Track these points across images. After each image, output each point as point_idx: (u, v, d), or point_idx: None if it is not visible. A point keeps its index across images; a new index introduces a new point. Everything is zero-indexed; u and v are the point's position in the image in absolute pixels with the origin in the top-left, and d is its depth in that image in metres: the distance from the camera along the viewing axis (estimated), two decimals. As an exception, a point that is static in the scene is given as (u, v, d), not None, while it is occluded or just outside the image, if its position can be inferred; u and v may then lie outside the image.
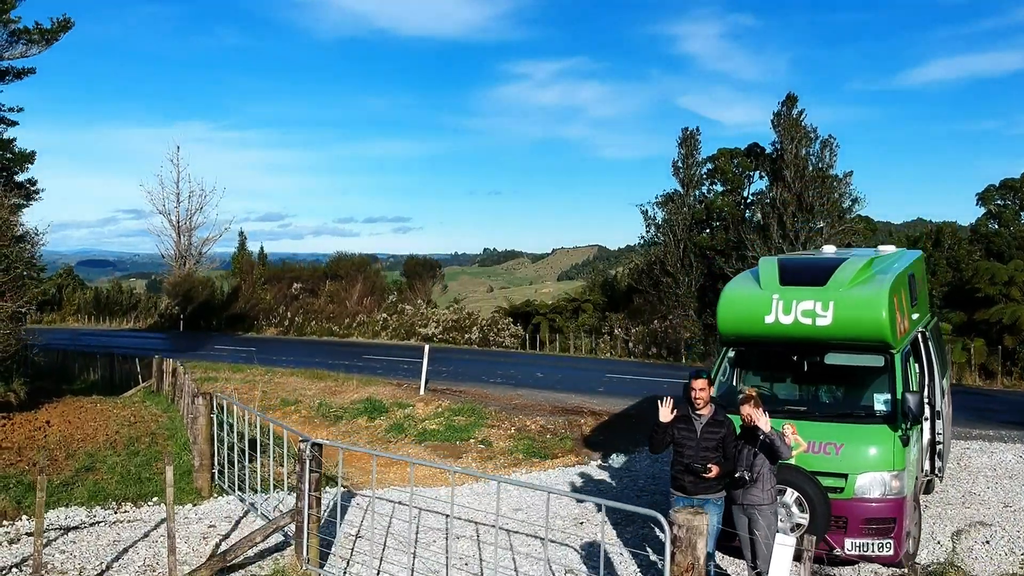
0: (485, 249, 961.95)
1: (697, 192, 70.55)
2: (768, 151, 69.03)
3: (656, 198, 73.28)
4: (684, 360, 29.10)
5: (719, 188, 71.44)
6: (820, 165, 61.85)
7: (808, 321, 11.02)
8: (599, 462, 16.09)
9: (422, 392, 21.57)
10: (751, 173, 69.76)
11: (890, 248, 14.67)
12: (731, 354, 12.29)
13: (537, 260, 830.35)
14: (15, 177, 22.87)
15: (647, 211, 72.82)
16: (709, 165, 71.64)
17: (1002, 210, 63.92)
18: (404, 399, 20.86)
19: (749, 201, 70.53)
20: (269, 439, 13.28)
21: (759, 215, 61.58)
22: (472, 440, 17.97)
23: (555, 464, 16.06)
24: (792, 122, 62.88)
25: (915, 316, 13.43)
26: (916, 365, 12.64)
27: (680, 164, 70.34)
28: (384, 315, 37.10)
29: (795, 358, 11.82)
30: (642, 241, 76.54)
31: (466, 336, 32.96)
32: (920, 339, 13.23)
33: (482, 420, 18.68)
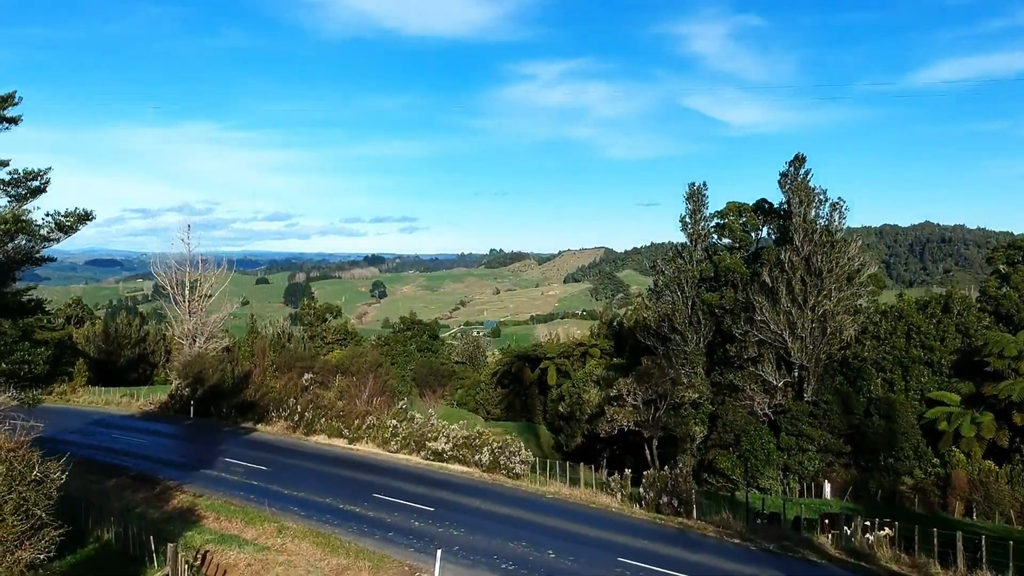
0: (491, 250, 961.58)
1: (706, 243, 70.57)
2: (776, 206, 69.03)
3: (666, 255, 73.63)
4: (695, 515, 28.32)
5: (727, 241, 71.41)
6: (829, 226, 61.83)
7: None
8: None
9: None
10: (759, 230, 69.68)
11: None
12: None
13: (544, 262, 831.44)
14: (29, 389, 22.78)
15: (655, 264, 73.03)
16: (718, 220, 71.63)
17: (1011, 271, 63.66)
18: (414, 607, 20.73)
19: (757, 254, 70.44)
20: None
21: (767, 277, 61.49)
22: None
23: None
24: (800, 183, 62.83)
25: None
26: None
27: (688, 219, 70.46)
28: (394, 421, 37.17)
29: None
30: (650, 292, 76.72)
31: (476, 456, 32.72)
32: None
33: None
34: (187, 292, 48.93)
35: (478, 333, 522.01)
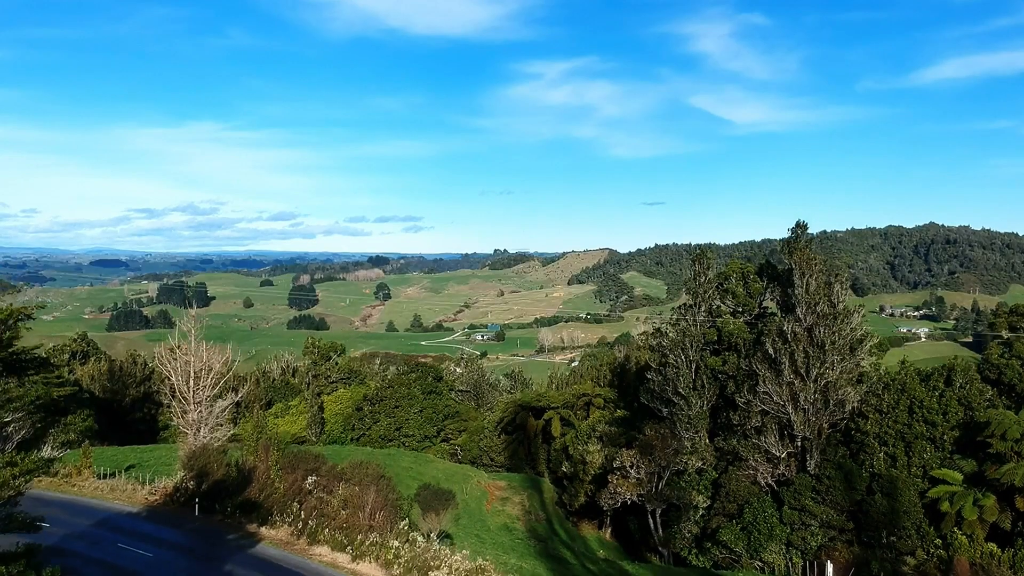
0: (496, 250, 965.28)
1: (709, 303, 70.56)
2: (779, 262, 69.17)
3: (671, 313, 73.91)
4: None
5: (730, 304, 71.49)
6: (831, 297, 61.85)
7: None
8: None
9: None
10: (762, 294, 69.69)
11: None
12: None
13: (548, 263, 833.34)
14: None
15: (660, 329, 73.21)
16: (721, 281, 71.76)
17: (1015, 338, 63.59)
18: None
19: (762, 314, 70.50)
20: None
21: (770, 348, 61.54)
22: None
23: None
24: (802, 252, 62.81)
25: None
26: None
27: (692, 282, 70.69)
28: (397, 542, 37.36)
29: None
30: (652, 349, 76.82)
31: (479, 594, 33.02)
32: None
33: None
34: (192, 383, 49.27)
35: (483, 337, 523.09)
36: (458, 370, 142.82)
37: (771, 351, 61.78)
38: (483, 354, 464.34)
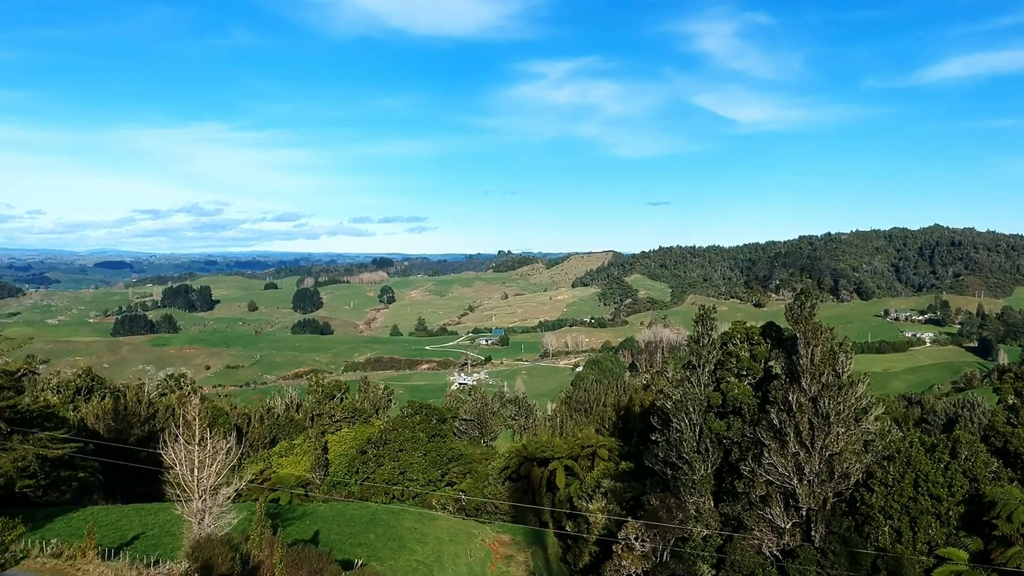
0: (500, 251, 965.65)
1: (713, 364, 70.29)
2: (782, 326, 69.01)
3: (676, 371, 73.86)
4: None
5: (733, 366, 71.24)
6: (836, 367, 61.69)
7: None
8: None
9: None
10: (767, 357, 69.44)
11: None
12: None
13: (552, 265, 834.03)
14: None
15: (663, 390, 73.09)
16: (725, 341, 71.58)
17: (1020, 404, 63.37)
18: None
19: (767, 375, 70.27)
20: None
21: (775, 418, 61.42)
22: None
23: None
24: (807, 322, 62.60)
25: None
26: None
27: (696, 343, 70.57)
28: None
29: None
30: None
31: None
32: None
33: None
34: (196, 472, 49.34)
35: (487, 341, 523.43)
36: (460, 384, 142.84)
37: (776, 422, 61.67)
38: (487, 359, 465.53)
